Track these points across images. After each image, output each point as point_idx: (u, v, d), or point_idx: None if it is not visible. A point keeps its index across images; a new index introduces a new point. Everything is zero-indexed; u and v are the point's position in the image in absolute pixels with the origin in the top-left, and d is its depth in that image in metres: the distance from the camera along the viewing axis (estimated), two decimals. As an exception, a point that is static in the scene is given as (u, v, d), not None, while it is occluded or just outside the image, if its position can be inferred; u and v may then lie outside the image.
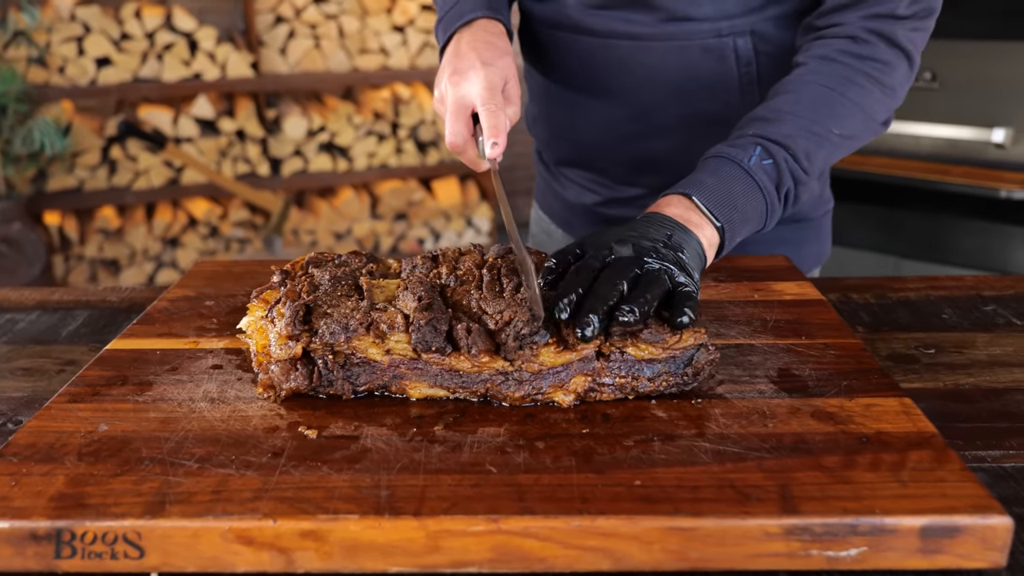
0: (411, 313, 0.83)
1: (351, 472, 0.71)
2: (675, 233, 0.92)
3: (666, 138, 1.27)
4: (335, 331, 0.82)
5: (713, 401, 0.82)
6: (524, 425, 0.78)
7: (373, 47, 4.10)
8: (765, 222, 1.02)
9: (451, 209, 4.34)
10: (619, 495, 0.68)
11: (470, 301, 0.87)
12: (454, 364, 0.81)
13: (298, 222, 4.14)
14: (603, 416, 0.80)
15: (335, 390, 0.83)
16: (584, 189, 1.40)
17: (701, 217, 0.96)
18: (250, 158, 4.01)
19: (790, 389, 0.84)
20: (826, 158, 1.05)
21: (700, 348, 0.82)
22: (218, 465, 0.72)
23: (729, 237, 0.97)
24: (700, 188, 0.97)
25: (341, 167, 4.12)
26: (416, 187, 4.32)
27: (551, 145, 1.42)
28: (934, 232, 2.80)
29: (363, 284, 0.91)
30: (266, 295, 0.93)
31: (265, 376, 0.82)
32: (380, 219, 4.28)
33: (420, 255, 0.98)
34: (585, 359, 0.81)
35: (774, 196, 1.01)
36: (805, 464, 0.72)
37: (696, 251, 0.92)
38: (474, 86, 0.99)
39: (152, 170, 3.88)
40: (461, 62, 1.01)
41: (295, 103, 4.16)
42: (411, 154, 4.21)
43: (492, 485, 0.70)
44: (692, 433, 0.76)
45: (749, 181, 0.99)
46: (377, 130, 4.14)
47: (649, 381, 0.81)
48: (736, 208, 0.97)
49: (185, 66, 3.84)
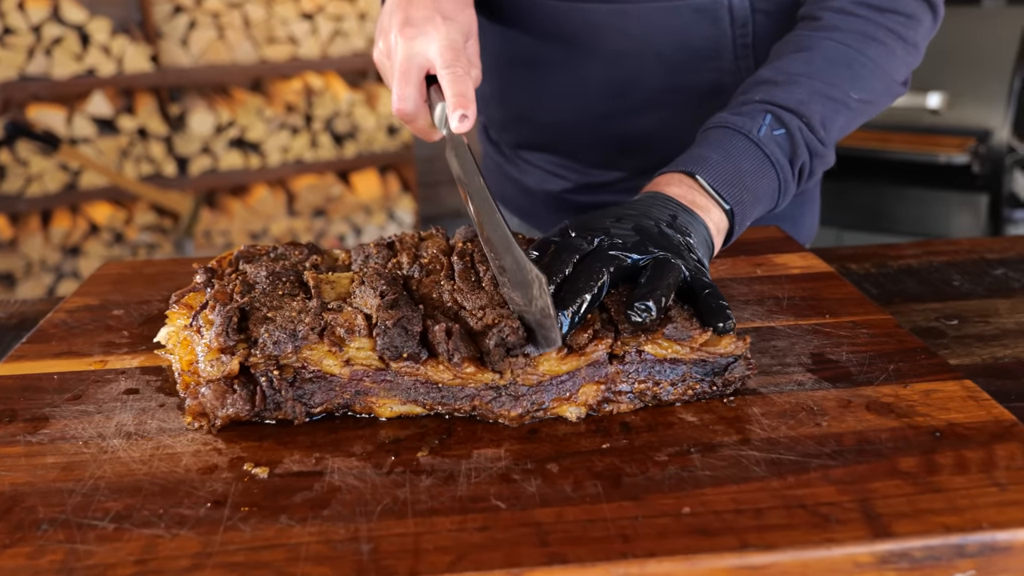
0: (373, 312, 0.67)
1: (319, 521, 0.55)
2: (680, 215, 0.78)
3: (648, 115, 1.10)
4: (280, 339, 0.65)
5: (748, 398, 0.68)
6: (529, 443, 0.63)
7: (281, 36, 3.88)
8: (777, 201, 0.88)
9: (372, 203, 4.15)
10: (666, 528, 0.54)
11: (442, 295, 0.72)
12: (431, 375, 0.65)
13: (210, 223, 3.90)
14: (622, 426, 0.65)
15: (284, 414, 0.66)
16: (548, 174, 1.22)
17: (707, 199, 0.81)
18: (154, 157, 3.75)
19: (832, 378, 0.71)
20: (844, 126, 0.91)
21: (738, 359, 0.68)
22: (141, 524, 0.55)
23: (739, 221, 0.83)
24: (705, 165, 0.83)
25: (253, 164, 3.90)
26: (334, 181, 4.12)
27: (507, 127, 1.24)
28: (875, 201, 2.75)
29: (309, 280, 0.75)
30: (188, 299, 0.76)
31: (194, 401, 0.66)
32: (297, 216, 4.07)
33: (373, 243, 0.83)
34: (595, 364, 0.66)
35: (788, 172, 0.86)
36: (880, 471, 0.59)
37: (703, 237, 0.79)
38: (433, 43, 0.82)
39: (46, 174, 3.59)
40: (415, 10, 0.84)
41: (200, 97, 3.91)
42: (327, 147, 4.01)
43: (504, 526, 0.54)
44: (735, 440, 0.63)
45: (759, 155, 0.85)
46: (290, 123, 3.93)
47: (672, 387, 0.67)
48: (746, 187, 0.83)
49: (77, 61, 3.56)
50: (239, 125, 3.85)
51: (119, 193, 3.68)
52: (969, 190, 2.53)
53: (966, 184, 2.53)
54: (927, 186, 2.58)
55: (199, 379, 0.66)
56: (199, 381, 0.66)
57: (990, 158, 2.48)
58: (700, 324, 0.67)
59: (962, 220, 2.55)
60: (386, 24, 0.86)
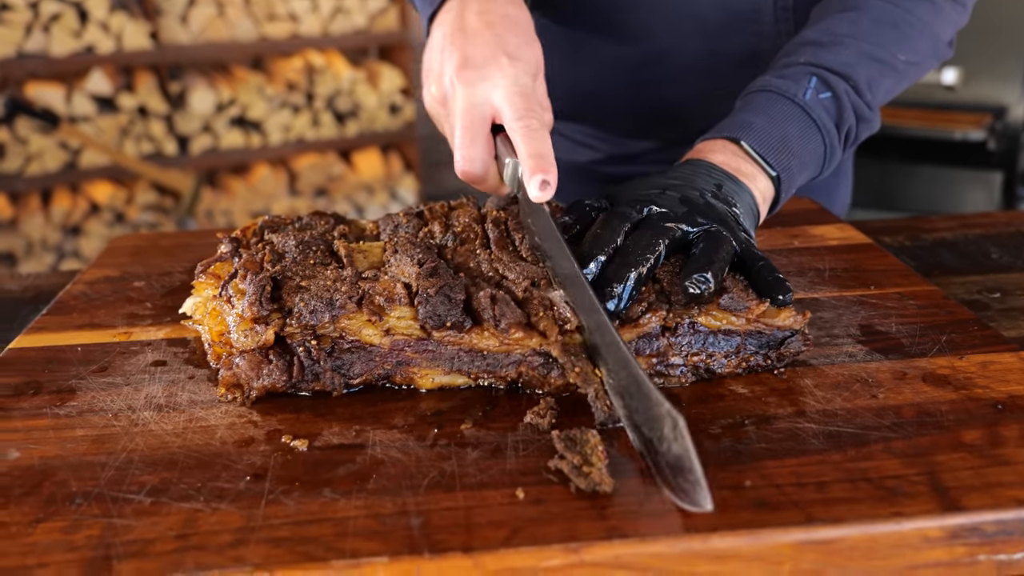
0: (413, 281, 0.65)
1: (364, 495, 0.53)
2: (725, 183, 0.75)
3: (683, 83, 1.07)
4: (316, 309, 0.63)
5: (799, 370, 0.66)
6: (575, 413, 0.61)
7: (281, 13, 3.83)
8: (823, 168, 0.85)
9: (374, 182, 4.12)
10: (727, 501, 0.52)
11: (479, 263, 0.70)
12: (476, 343, 0.63)
13: (211, 203, 3.87)
14: (672, 398, 0.63)
15: (322, 385, 0.64)
16: (578, 145, 1.19)
17: (753, 166, 0.79)
18: (154, 136, 3.71)
19: (884, 350, 0.69)
20: (890, 89, 0.88)
21: (796, 334, 0.66)
22: (180, 498, 0.53)
23: (785, 188, 0.80)
24: (750, 131, 0.80)
25: (254, 142, 3.85)
26: (335, 160, 4.08)
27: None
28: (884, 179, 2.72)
29: (340, 249, 0.73)
30: (215, 269, 0.74)
31: (228, 372, 0.63)
32: (299, 196, 4.03)
33: (402, 212, 0.81)
34: (647, 336, 0.64)
35: (834, 136, 0.84)
36: (944, 443, 0.57)
37: (749, 206, 0.76)
38: (498, 89, 0.71)
39: (46, 153, 3.55)
40: (475, 48, 0.72)
41: (200, 75, 3.87)
42: (328, 126, 3.97)
43: (559, 500, 0.52)
44: (790, 412, 0.61)
45: (806, 119, 0.82)
46: (291, 101, 3.88)
47: (725, 359, 0.65)
48: (792, 153, 0.80)
49: (75, 38, 3.51)
50: (240, 103, 3.81)
51: (119, 172, 3.64)
52: (983, 167, 2.50)
53: (980, 161, 2.51)
54: (939, 163, 2.56)
55: (232, 350, 0.64)
56: (232, 352, 0.64)
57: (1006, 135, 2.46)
58: (757, 296, 0.65)
59: (975, 198, 2.52)
60: (437, 64, 0.75)
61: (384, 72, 4.02)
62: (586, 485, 0.52)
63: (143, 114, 3.70)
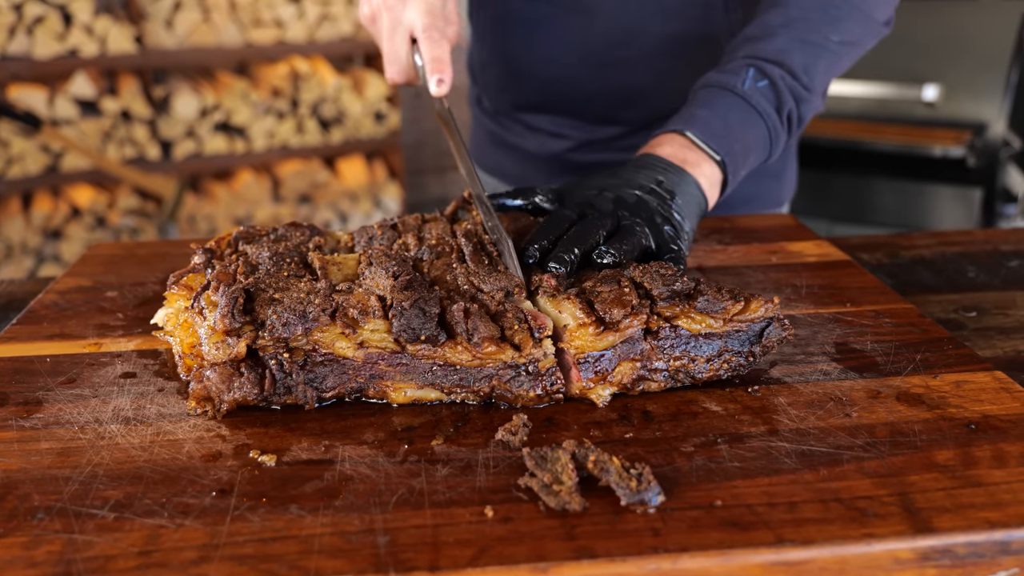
0: (387, 294, 0.65)
1: (331, 512, 0.52)
2: (667, 176, 0.82)
3: (646, 66, 1.13)
4: (289, 321, 0.62)
5: (772, 387, 0.66)
6: (547, 431, 0.61)
7: (267, 19, 3.81)
8: (770, 150, 0.92)
9: (358, 189, 4.10)
10: (698, 521, 0.51)
11: (455, 277, 0.70)
12: (449, 357, 0.63)
13: (194, 208, 3.84)
14: (643, 414, 0.63)
15: (294, 399, 0.64)
16: (549, 136, 1.23)
17: (698, 154, 0.86)
18: (138, 140, 3.68)
19: (858, 368, 0.69)
20: (827, 69, 0.95)
21: (772, 322, 0.66)
22: (144, 513, 0.52)
23: (732, 171, 0.87)
24: (693, 122, 0.87)
25: (238, 148, 3.84)
26: (320, 167, 4.07)
27: (508, 88, 1.24)
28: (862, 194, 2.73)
29: (315, 261, 0.72)
30: (188, 280, 0.73)
31: (199, 385, 0.62)
32: (283, 202, 4.01)
33: (376, 224, 0.82)
34: (631, 340, 0.64)
35: (775, 120, 0.90)
36: (916, 463, 0.57)
37: (692, 194, 0.82)
38: (411, 10, 0.88)
39: (27, 156, 3.52)
40: None
41: (185, 80, 3.85)
42: (313, 133, 3.96)
43: (528, 518, 0.51)
44: (762, 430, 0.60)
45: (746, 107, 0.89)
46: (275, 108, 3.87)
47: (707, 363, 0.65)
48: (736, 138, 0.87)
49: (59, 41, 3.49)
50: (224, 109, 3.79)
51: (102, 176, 3.61)
52: (962, 184, 2.52)
53: (959, 178, 2.52)
54: (919, 179, 2.57)
55: (203, 362, 0.63)
56: (203, 364, 0.63)
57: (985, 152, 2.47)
58: (731, 296, 0.65)
59: (954, 215, 2.54)
60: None
61: (369, 79, 4.02)
62: (556, 504, 0.52)
63: (126, 118, 3.68)
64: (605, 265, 0.71)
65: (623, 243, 0.73)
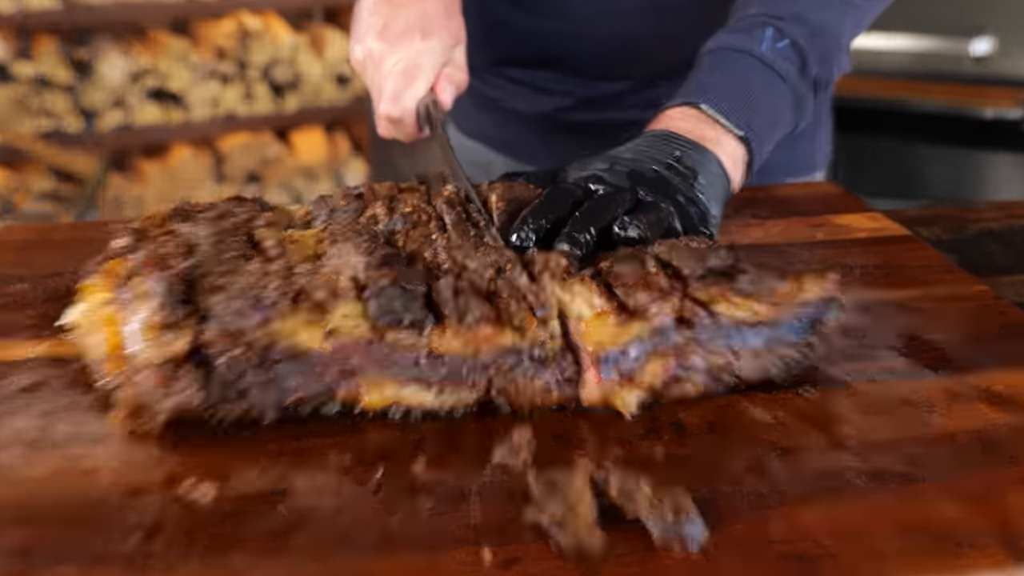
0: (360, 273, 0.63)
1: (286, 558, 0.48)
2: (686, 153, 0.80)
3: (644, 18, 1.11)
4: (241, 309, 0.60)
5: (831, 389, 0.63)
6: (558, 449, 0.57)
7: (208, -33, 3.77)
8: (797, 119, 0.91)
9: (316, 166, 4.07)
10: (751, 560, 0.47)
11: (436, 252, 0.67)
12: (437, 344, 0.60)
13: (121, 189, 3.80)
14: (674, 425, 0.60)
15: (248, 406, 0.60)
16: (539, 92, 1.22)
17: (716, 129, 0.84)
18: (55, 111, 3.63)
19: (931, 363, 0.66)
20: (854, 26, 0.94)
21: (830, 302, 0.63)
22: (48, 562, 0.48)
23: (757, 147, 0.86)
24: (708, 92, 0.86)
25: (175, 118, 3.79)
26: (271, 141, 4.03)
27: (492, 38, 1.21)
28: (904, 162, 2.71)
29: (266, 239, 0.70)
30: (111, 267, 0.69)
31: (127, 393, 0.59)
32: (227, 182, 3.97)
33: (339, 192, 0.79)
34: (661, 331, 0.61)
35: (800, 85, 0.90)
36: (1012, 480, 0.54)
37: (716, 174, 0.81)
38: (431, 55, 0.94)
39: (-77, 130, 3.47)
40: (395, 19, 0.94)
41: (113, 40, 3.80)
42: (264, 100, 3.92)
43: (536, 560, 0.48)
44: (822, 443, 0.57)
45: (766, 72, 0.88)
46: (219, 71, 3.83)
47: (755, 359, 0.62)
48: (757, 109, 0.86)
49: (-37, -4, 3.43)
50: (158, 72, 3.75)
51: (11, 153, 3.56)
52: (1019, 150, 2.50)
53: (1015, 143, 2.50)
54: (968, 145, 2.55)
55: (133, 366, 0.60)
56: (133, 369, 0.60)
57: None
58: (778, 274, 0.63)
59: (1010, 185, 2.52)
60: (363, 27, 0.96)
61: (330, 37, 3.98)
62: (571, 542, 0.48)
63: (43, 85, 3.62)
64: (627, 241, 0.69)
65: (648, 216, 0.70)
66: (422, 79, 0.93)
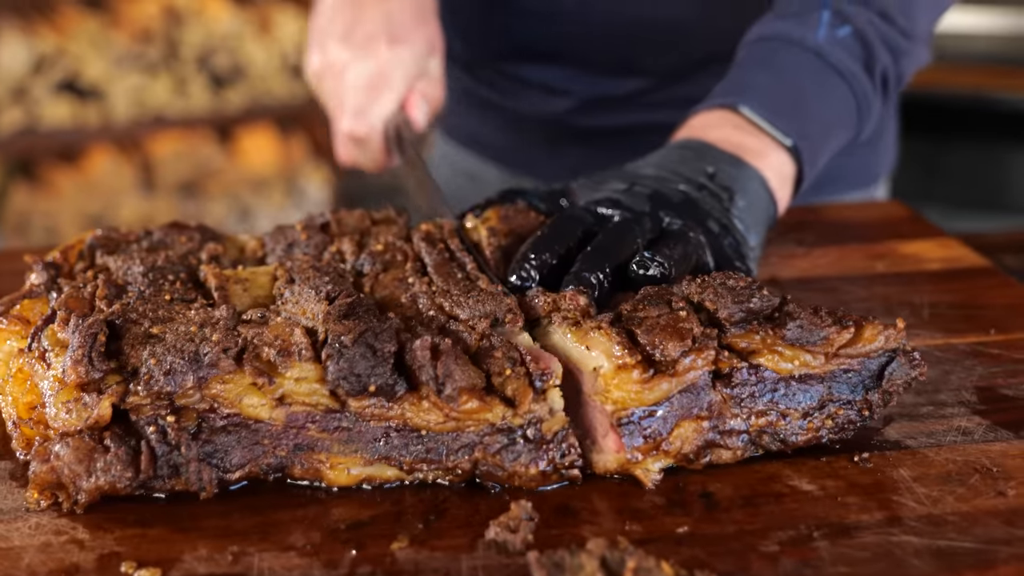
0: (319, 325, 0.65)
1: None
2: (721, 169, 0.81)
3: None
4: (175, 368, 0.62)
5: (889, 455, 0.67)
6: (560, 525, 0.60)
7: (131, -70, 3.83)
8: (859, 125, 0.92)
9: (267, 174, 4.11)
10: (792, 656, 0.50)
11: (414, 298, 0.71)
12: (412, 417, 0.63)
13: (26, 205, 3.83)
14: (704, 497, 0.63)
15: (184, 483, 0.63)
16: (545, 93, 1.25)
17: (760, 138, 0.85)
18: (-58, 108, 3.68)
19: (1011, 423, 0.70)
20: (932, 10, 0.96)
21: (896, 354, 0.66)
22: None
23: (808, 160, 0.87)
24: (750, 92, 0.87)
25: (91, 117, 3.83)
26: (210, 143, 4.07)
27: (493, 26, 1.25)
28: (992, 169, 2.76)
29: (210, 278, 0.74)
30: (21, 309, 0.73)
31: (43, 466, 0.62)
32: (157, 194, 4.01)
33: (299, 224, 0.82)
34: (694, 389, 0.64)
35: (864, 83, 0.90)
36: (1104, 563, 0.56)
37: (757, 195, 0.82)
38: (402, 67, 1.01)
39: None
40: (360, 23, 1.01)
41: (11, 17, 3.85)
42: (200, 94, 3.96)
43: (539, 658, 0.50)
44: (878, 518, 0.61)
45: (822, 67, 0.89)
46: (146, 58, 3.88)
47: (804, 419, 0.65)
48: (810, 113, 0.87)
49: None
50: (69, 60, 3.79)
51: None
52: None
53: None
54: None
55: (48, 432, 0.63)
56: (48, 435, 0.63)
57: None
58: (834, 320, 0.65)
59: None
60: (320, 33, 1.03)
61: (281, 18, 4.03)
62: None
63: (-74, 76, 3.67)
64: (648, 280, 0.71)
65: (673, 249, 0.73)
66: (390, 93, 0.97)
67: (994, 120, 2.67)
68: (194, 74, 3.99)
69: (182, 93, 3.99)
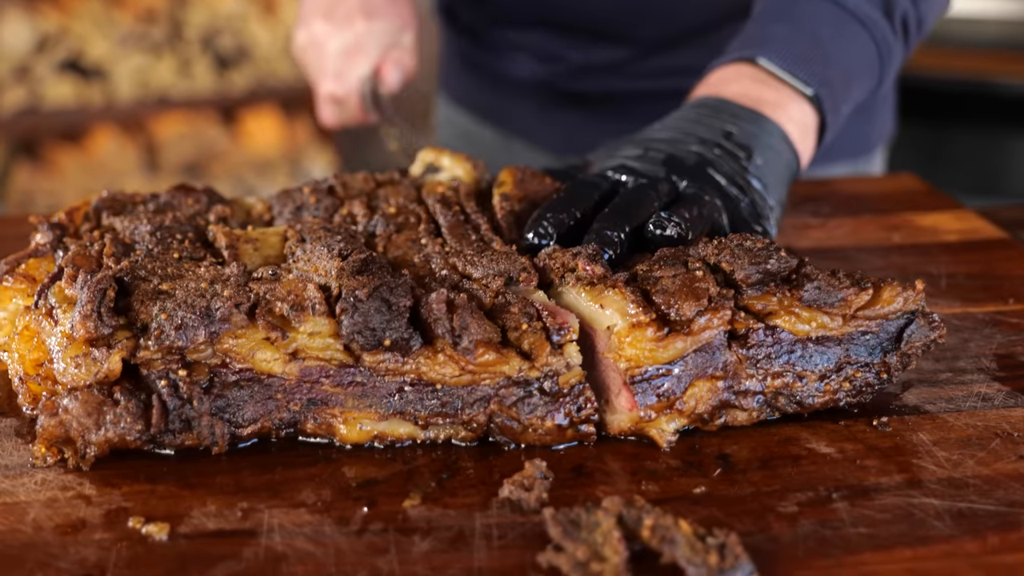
0: (332, 281, 0.65)
1: (256, 608, 0.50)
2: (739, 125, 0.81)
3: None
4: (187, 322, 0.62)
5: (909, 419, 0.66)
6: (575, 486, 0.60)
7: (136, -91, 3.82)
8: (881, 73, 0.92)
9: (271, 155, 4.10)
10: (812, 615, 0.50)
11: (427, 259, 0.71)
12: (427, 371, 0.63)
13: (28, 184, 3.83)
14: (721, 459, 0.63)
15: (195, 438, 0.63)
16: (536, 58, 1.26)
17: (780, 89, 0.85)
18: (-54, 87, 3.67)
19: None
20: None
21: (915, 318, 0.65)
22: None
23: (831, 107, 0.86)
24: (769, 44, 0.87)
25: (95, 97, 3.83)
26: (215, 125, 4.07)
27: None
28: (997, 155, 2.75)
29: (219, 237, 0.73)
30: (28, 268, 0.73)
31: (51, 421, 0.62)
32: (160, 174, 4.01)
33: (307, 186, 0.82)
34: (708, 348, 0.63)
35: (885, 28, 0.90)
36: None
37: (777, 150, 0.82)
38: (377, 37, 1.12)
39: None
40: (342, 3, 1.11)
41: None
42: (205, 75, 3.96)
43: (554, 613, 0.50)
44: (898, 480, 0.60)
45: (841, 14, 0.89)
46: (150, 38, 3.87)
47: (821, 381, 0.65)
48: (830, 60, 0.87)
49: None
50: (73, 39, 3.79)
51: None
52: None
53: None
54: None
55: (56, 387, 0.63)
56: (56, 390, 0.62)
57: None
58: (852, 282, 0.65)
59: None
60: (307, 9, 1.14)
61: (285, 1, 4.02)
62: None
63: (-70, 55, 3.67)
64: (664, 241, 0.70)
65: (689, 211, 0.72)
66: (365, 59, 1.07)
67: (998, 105, 2.67)
68: (198, 55, 3.98)
69: (186, 74, 3.99)
